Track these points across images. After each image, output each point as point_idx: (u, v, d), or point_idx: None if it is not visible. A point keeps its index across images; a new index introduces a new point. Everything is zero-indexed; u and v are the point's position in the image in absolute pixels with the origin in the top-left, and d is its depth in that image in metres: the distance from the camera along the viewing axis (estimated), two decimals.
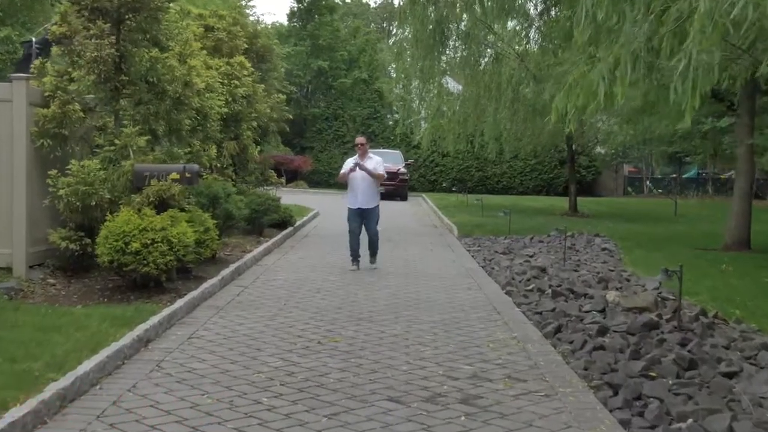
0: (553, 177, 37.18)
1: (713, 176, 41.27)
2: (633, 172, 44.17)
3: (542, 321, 7.43)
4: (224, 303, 7.93)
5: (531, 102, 20.66)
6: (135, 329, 6.13)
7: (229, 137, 13.29)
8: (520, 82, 20.51)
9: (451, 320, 7.44)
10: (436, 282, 9.78)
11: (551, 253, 12.91)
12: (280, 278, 9.74)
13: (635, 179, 41.67)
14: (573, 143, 22.88)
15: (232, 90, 12.94)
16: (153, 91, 8.99)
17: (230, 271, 9.39)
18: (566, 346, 6.38)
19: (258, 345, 6.24)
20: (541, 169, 37.11)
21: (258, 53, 15.02)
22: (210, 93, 10.27)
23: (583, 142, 23.68)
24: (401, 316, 7.56)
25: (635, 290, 8.94)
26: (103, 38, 8.45)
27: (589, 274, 10.44)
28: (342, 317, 7.41)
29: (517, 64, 21.48)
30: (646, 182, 40.81)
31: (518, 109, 20.53)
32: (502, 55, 21.83)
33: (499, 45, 21.91)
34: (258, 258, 11.17)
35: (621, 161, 37.11)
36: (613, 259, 12.40)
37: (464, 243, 14.56)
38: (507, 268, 11.02)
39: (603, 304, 7.75)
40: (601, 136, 22.78)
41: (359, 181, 10.61)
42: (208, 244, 8.80)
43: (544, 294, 8.81)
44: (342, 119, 38.61)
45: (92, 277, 8.38)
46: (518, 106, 20.61)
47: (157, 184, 7.98)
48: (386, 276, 10.16)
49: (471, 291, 9.18)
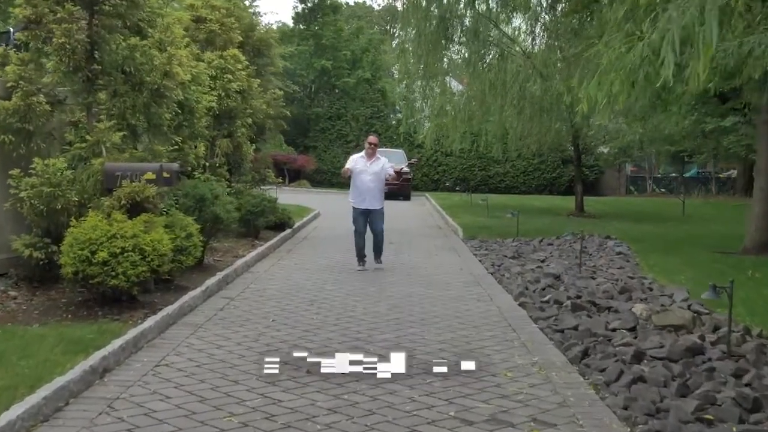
0: (555, 176, 36.07)
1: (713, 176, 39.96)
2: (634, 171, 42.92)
3: (564, 341, 6.31)
4: (204, 319, 6.82)
5: (537, 100, 19.53)
6: (90, 357, 5.03)
7: (222, 134, 12.19)
8: (526, 79, 19.36)
9: (461, 340, 6.32)
10: (442, 292, 8.66)
11: (563, 257, 11.78)
12: (271, 288, 8.62)
13: (637, 178, 40.38)
14: (579, 142, 21.72)
15: (225, 84, 11.83)
16: (130, 82, 7.89)
17: (217, 280, 8.28)
18: (598, 376, 5.26)
19: (236, 375, 5.13)
20: (544, 168, 36.01)
21: (254, 47, 13.90)
22: (197, 86, 9.14)
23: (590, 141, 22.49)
24: (404, 335, 6.44)
25: (663, 303, 7.81)
26: (72, 23, 7.35)
27: (608, 282, 9.31)
28: (336, 337, 6.30)
29: (523, 60, 20.34)
30: (649, 181, 39.54)
31: (524, 106, 19.39)
32: (508, 52, 20.71)
33: (504, 41, 20.78)
34: (250, 264, 10.06)
35: (624, 161, 35.92)
36: (630, 264, 11.26)
37: (470, 246, 13.44)
38: (518, 275, 9.89)
39: (633, 321, 6.62)
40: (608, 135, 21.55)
41: (368, 181, 10.14)
42: (191, 252, 7.69)
43: (562, 307, 7.69)
44: (345, 119, 37.49)
45: (59, 289, 7.28)
46: (524, 103, 19.47)
47: (129, 186, 6.87)
48: (388, 285, 9.05)
49: (481, 303, 8.06)
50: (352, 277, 9.61)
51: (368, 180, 10.19)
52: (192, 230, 7.82)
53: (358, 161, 10.35)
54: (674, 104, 18.42)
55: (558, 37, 19.79)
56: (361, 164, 10.31)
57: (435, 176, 36.24)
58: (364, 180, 10.19)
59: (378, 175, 10.28)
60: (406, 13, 20.62)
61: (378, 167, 10.29)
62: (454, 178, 35.30)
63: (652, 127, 19.33)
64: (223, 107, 11.87)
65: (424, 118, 24.86)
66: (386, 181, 10.64)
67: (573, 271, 10.13)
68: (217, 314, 7.07)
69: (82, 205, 7.17)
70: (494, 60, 19.95)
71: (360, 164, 10.30)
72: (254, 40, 13.83)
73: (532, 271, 10.09)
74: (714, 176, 39.35)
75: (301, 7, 39.59)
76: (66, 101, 7.79)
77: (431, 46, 19.82)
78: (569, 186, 35.67)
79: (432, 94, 21.64)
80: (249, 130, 12.86)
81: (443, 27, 19.87)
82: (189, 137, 9.34)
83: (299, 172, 34.93)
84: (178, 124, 9.10)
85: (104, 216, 6.71)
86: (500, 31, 20.50)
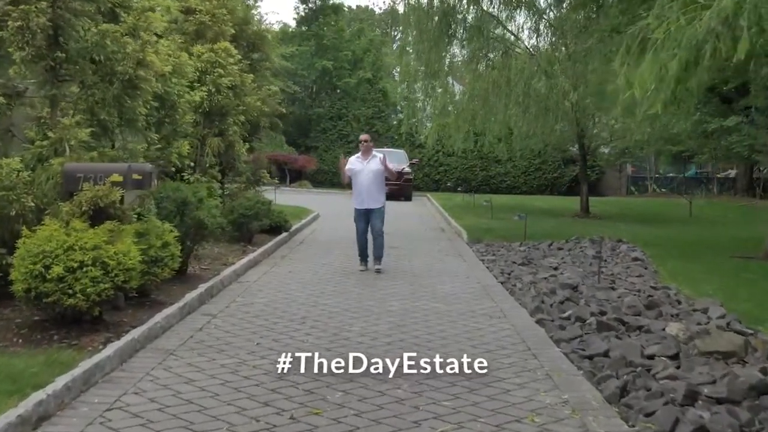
0: (557, 176, 35.01)
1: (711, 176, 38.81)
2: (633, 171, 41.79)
3: (596, 371, 5.23)
4: (178, 343, 5.74)
5: (543, 98, 18.41)
6: (25, 400, 3.97)
7: (213, 133, 11.12)
8: (531, 77, 18.24)
9: None
10: (449, 306, 7.58)
11: (576, 263, 10.70)
12: (260, 301, 7.54)
13: (638, 179, 39.24)
14: (585, 142, 20.59)
15: (215, 79, 10.78)
16: (100, 72, 6.81)
17: (198, 293, 7.19)
18: (647, 423, 4.18)
19: (204, 423, 4.06)
20: (545, 168, 34.96)
21: (249, 41, 12.81)
22: (179, 78, 8.06)
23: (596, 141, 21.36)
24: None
25: (698, 320, 6.73)
26: (31, 3, 6.28)
27: (630, 293, 8.23)
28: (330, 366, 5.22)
29: (527, 58, 19.24)
30: (651, 182, 38.43)
31: (529, 105, 18.26)
32: (512, 50, 19.61)
33: (507, 38, 19.68)
34: (239, 272, 8.98)
35: (625, 161, 34.83)
36: (648, 272, 10.16)
37: (476, 250, 12.36)
38: (531, 284, 8.81)
39: (673, 347, 5.53)
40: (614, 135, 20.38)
41: (364, 180, 9.70)
42: (167, 263, 6.61)
43: (586, 325, 6.61)
44: (346, 119, 36.42)
45: (16, 306, 6.19)
46: (529, 102, 18.35)
47: (91, 189, 5.79)
48: (389, 297, 7.96)
49: (494, 320, 6.98)
50: (350, 287, 8.54)
51: (366, 179, 9.71)
52: (169, 239, 6.74)
53: (355, 162, 9.89)
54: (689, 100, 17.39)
55: (564, 34, 18.69)
56: (357, 165, 9.83)
57: (436, 176, 35.18)
58: (362, 180, 9.74)
59: (375, 173, 9.74)
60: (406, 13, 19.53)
61: (375, 165, 9.77)
62: (455, 179, 34.26)
63: (660, 126, 18.20)
64: (213, 104, 10.82)
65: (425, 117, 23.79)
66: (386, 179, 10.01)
67: (590, 280, 9.06)
68: (194, 336, 5.99)
69: (41, 210, 6.11)
70: (498, 58, 18.85)
71: (357, 165, 9.84)
72: (249, 34, 12.76)
73: (545, 281, 9.01)
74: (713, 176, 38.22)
75: (302, 8, 38.54)
76: (26, 93, 6.71)
77: (433, 44, 18.71)
78: (570, 186, 34.60)
79: (434, 94, 20.55)
80: (242, 128, 11.80)
81: (445, 24, 18.77)
82: (171, 135, 8.26)
83: (300, 172, 33.91)
84: (159, 121, 8.04)
85: (62, 224, 5.64)
86: (504, 27, 19.39)
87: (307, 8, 38.35)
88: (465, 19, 19.00)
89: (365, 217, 9.81)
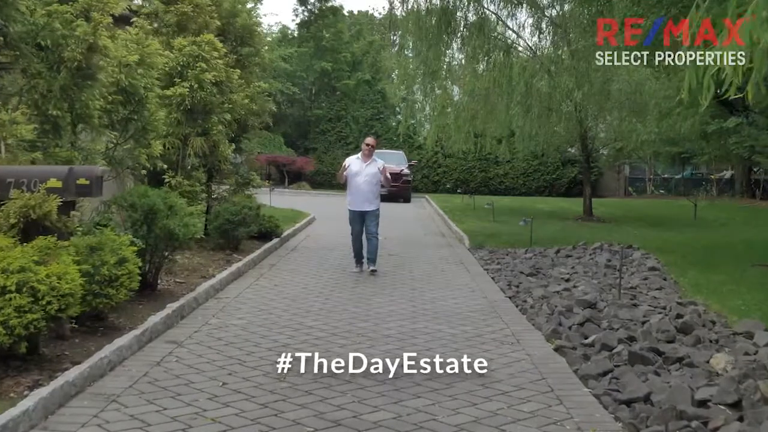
0: (555, 178, 33.87)
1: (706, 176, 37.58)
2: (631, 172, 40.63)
3: (639, 424, 4.06)
4: (126, 384, 4.56)
5: (546, 98, 17.27)
6: None
7: (196, 132, 9.95)
8: (533, 75, 17.08)
9: (488, 419, 4.09)
10: (454, 328, 6.40)
11: (589, 273, 9.54)
12: (237, 323, 6.37)
13: (635, 180, 38.07)
14: (588, 143, 19.41)
15: (198, 74, 9.61)
16: (48, 59, 5.65)
17: (164, 316, 6.01)
18: None
19: None
20: (544, 170, 33.81)
21: (237, 35, 11.63)
22: (147, 69, 6.87)
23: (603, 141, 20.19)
24: (404, 413, 4.20)
25: (745, 349, 5.56)
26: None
27: (655, 311, 7.08)
28: (307, 420, 4.05)
29: (529, 55, 18.09)
30: (650, 183, 37.27)
31: (531, 105, 17.10)
32: (514, 48, 18.44)
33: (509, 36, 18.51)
34: (219, 287, 7.80)
35: (623, 162, 33.69)
36: (668, 283, 9.00)
37: (479, 258, 11.19)
38: (543, 300, 7.66)
39: (733, 392, 4.35)
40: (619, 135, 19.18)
41: (362, 183, 9.36)
42: (123, 282, 5.44)
43: (614, 354, 5.45)
44: (345, 120, 35.25)
45: None
46: (531, 101, 17.19)
47: (21, 197, 4.63)
48: (386, 317, 6.77)
49: (506, 347, 5.81)
50: (342, 303, 7.36)
51: (362, 182, 9.38)
52: (126, 254, 5.56)
53: (354, 162, 9.52)
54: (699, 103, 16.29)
55: (566, 31, 17.49)
56: (356, 166, 9.45)
57: (435, 178, 34.05)
58: (359, 182, 9.39)
59: (373, 177, 9.44)
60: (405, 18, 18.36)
61: (373, 169, 9.47)
62: (454, 180, 33.14)
63: (667, 126, 17.05)
64: (196, 100, 9.65)
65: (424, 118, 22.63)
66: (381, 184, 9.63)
67: (608, 295, 7.90)
68: (149, 373, 4.81)
69: None
70: (499, 56, 17.65)
71: (355, 166, 9.45)
72: (237, 28, 11.57)
73: (558, 295, 7.84)
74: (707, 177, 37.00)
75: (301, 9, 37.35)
76: None
77: (432, 42, 17.56)
78: (569, 187, 33.49)
79: (432, 93, 19.36)
80: (229, 127, 10.62)
81: (445, 21, 17.61)
82: (140, 133, 7.08)
83: (299, 174, 32.78)
84: (126, 118, 6.87)
85: None
86: (505, 25, 18.21)
87: (306, 10, 37.17)
88: (465, 17, 17.83)
89: (360, 219, 9.42)
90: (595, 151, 21.47)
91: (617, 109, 16.66)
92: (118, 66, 6.40)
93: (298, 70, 34.71)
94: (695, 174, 39.56)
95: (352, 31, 39.87)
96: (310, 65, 35.15)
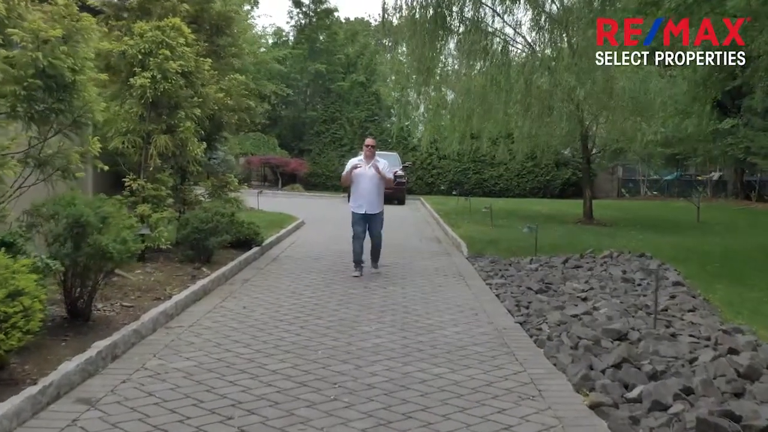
0: (549, 179, 32.41)
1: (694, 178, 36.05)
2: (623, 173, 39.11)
3: None
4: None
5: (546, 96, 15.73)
6: None
7: (160, 129, 8.37)
8: (532, 72, 15.54)
9: None
10: (456, 374, 4.82)
11: (606, 289, 8.00)
12: (181, 366, 4.78)
13: (628, 181, 36.55)
14: (589, 143, 17.86)
15: (161, 63, 8.03)
16: None
17: (83, 361, 4.42)
18: None
19: None
20: (538, 171, 32.34)
21: (212, 23, 10.05)
22: (73, 45, 5.28)
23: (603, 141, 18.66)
24: None
25: None
26: None
27: (700, 343, 5.56)
28: None
29: (528, 52, 16.55)
30: (644, 184, 35.78)
31: (531, 103, 15.55)
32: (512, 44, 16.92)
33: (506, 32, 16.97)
34: (174, 312, 6.21)
35: (617, 163, 32.22)
36: (698, 301, 7.45)
37: (480, 269, 9.65)
38: (561, 327, 6.10)
39: None
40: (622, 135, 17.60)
41: (366, 185, 8.86)
42: (16, 324, 3.86)
43: (673, 419, 3.90)
44: (340, 122, 33.67)
45: None
46: (531, 100, 15.64)
47: None
48: (371, 357, 5.18)
49: (525, 402, 4.24)
50: (319, 334, 5.79)
51: (369, 184, 8.87)
52: (24, 284, 3.99)
53: (358, 165, 8.96)
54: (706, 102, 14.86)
55: (567, 26, 15.95)
56: (360, 168, 8.91)
57: (429, 179, 32.55)
58: (365, 185, 8.88)
59: (377, 179, 8.89)
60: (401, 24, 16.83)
61: (375, 170, 8.91)
62: (448, 182, 31.66)
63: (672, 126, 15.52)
64: (159, 92, 8.07)
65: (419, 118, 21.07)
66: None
67: (636, 319, 6.35)
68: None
69: None
70: (497, 53, 16.11)
71: (360, 168, 8.90)
72: (212, 15, 9.99)
73: (579, 321, 6.28)
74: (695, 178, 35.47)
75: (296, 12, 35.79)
76: None
77: (427, 38, 16.03)
78: (563, 189, 32.03)
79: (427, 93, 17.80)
80: (200, 124, 9.05)
81: (441, 16, 16.07)
82: (69, 128, 5.50)
83: (293, 175, 31.26)
84: (50, 108, 5.29)
85: None
86: (502, 20, 16.66)
87: (301, 12, 35.61)
88: (461, 12, 16.30)
89: (363, 221, 8.93)
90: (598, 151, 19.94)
91: (621, 108, 15.12)
92: (34, 41, 4.83)
93: (292, 71, 33.18)
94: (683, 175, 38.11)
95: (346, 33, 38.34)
96: (305, 67, 33.63)
